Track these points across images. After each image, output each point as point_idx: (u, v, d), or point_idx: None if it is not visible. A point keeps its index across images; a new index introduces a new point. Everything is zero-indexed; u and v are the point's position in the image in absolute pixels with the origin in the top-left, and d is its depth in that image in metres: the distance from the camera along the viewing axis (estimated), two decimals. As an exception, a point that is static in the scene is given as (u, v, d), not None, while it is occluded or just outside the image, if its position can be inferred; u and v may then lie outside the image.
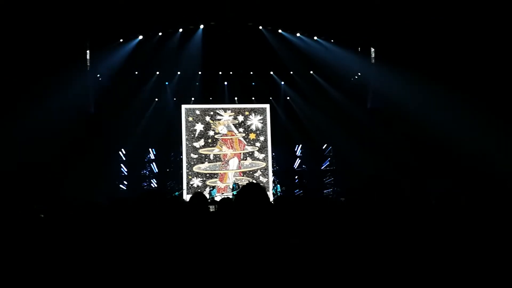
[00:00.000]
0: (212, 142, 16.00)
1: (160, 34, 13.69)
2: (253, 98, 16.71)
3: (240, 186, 14.83)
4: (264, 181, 15.98)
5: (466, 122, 10.04)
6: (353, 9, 11.93)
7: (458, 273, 2.48)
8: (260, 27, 13.97)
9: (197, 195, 3.11)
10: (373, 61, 13.73)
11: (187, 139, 15.88)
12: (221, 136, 16.06)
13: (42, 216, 4.06)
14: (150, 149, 16.21)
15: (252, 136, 16.22)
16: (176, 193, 13.97)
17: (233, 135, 16.16)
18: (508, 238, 2.76)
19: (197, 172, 15.77)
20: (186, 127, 15.93)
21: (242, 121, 16.23)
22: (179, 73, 15.50)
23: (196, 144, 15.90)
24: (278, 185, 15.73)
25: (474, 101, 9.92)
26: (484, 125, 9.69)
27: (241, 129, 16.20)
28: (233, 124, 16.22)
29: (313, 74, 15.65)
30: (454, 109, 10.42)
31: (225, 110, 16.24)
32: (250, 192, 2.45)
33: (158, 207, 3.65)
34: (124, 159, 15.66)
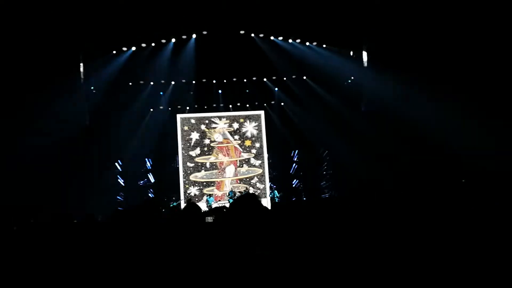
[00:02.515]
0: (208, 150, 16.01)
1: (153, 45, 13.74)
2: (247, 105, 16.76)
3: (237, 194, 14.86)
4: (261, 188, 15.99)
5: (461, 124, 10.09)
6: (345, 13, 12.03)
7: (455, 275, 2.50)
8: (252, 35, 14.04)
9: (190, 205, 3.13)
10: (365, 64, 13.81)
11: (183, 148, 15.88)
12: (216, 144, 16.08)
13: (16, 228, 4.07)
14: (146, 160, 16.19)
15: (247, 143, 16.24)
16: (174, 203, 13.93)
17: (229, 143, 16.18)
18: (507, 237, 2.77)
19: (194, 181, 15.77)
20: (181, 136, 15.94)
21: (237, 129, 16.26)
22: (173, 83, 15.54)
23: (192, 153, 15.90)
24: (276, 191, 15.74)
25: (469, 102, 9.97)
26: (479, 126, 9.73)
27: (236, 136, 16.23)
28: (228, 131, 16.24)
29: (307, 79, 15.73)
30: (448, 110, 10.47)
31: (220, 118, 16.27)
32: (244, 203, 2.48)
33: (153, 220, 3.67)
34: (120, 170, 15.63)
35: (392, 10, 11.24)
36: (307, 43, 14.41)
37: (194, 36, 13.84)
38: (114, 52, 13.51)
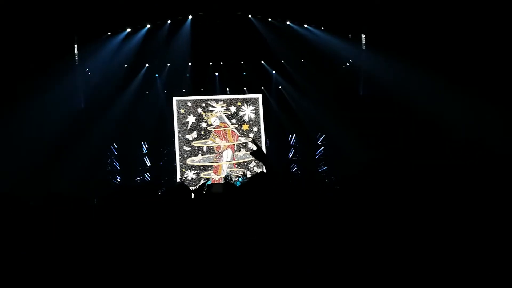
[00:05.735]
0: (205, 134, 15.89)
1: (148, 26, 13.53)
2: (244, 88, 16.59)
3: (233, 178, 14.82)
4: (259, 172, 15.93)
5: (459, 106, 10.02)
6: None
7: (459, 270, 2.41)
8: (250, 16, 13.83)
9: (180, 186, 3.06)
10: (364, 47, 13.67)
11: (179, 132, 15.76)
12: (213, 128, 15.96)
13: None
14: (142, 143, 16.07)
15: (245, 127, 16.13)
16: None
17: (226, 127, 16.06)
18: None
19: (191, 165, 15.69)
20: (178, 119, 15.79)
21: (234, 112, 16.13)
22: (169, 65, 15.34)
23: (189, 137, 15.79)
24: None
25: (467, 85, 9.89)
26: (477, 109, 9.67)
27: (234, 120, 16.10)
28: (225, 115, 16.11)
29: (304, 62, 15.57)
30: (447, 93, 10.39)
31: (217, 101, 16.12)
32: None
33: (151, 201, 3.59)
34: (116, 153, 15.53)
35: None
36: (305, 25, 14.22)
37: (190, 17, 13.61)
38: (109, 33, 13.29)
